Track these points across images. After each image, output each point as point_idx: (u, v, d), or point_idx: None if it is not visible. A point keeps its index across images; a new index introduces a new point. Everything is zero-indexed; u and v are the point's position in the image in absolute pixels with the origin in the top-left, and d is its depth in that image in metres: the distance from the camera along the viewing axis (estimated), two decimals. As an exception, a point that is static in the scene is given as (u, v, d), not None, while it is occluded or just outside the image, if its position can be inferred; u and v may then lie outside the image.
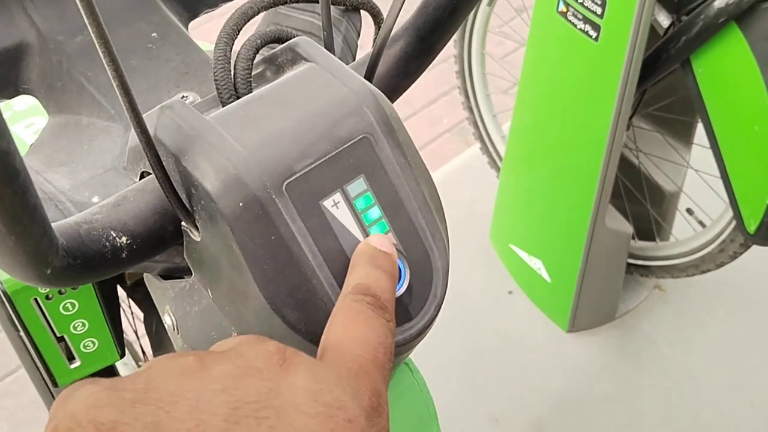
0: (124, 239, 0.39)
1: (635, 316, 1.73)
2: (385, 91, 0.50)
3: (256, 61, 0.45)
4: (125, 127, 0.51)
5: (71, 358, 0.64)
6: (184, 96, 0.51)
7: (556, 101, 1.46)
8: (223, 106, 0.43)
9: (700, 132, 1.38)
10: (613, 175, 1.42)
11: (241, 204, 0.37)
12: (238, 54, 0.44)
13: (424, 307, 0.40)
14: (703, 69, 1.23)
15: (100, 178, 0.49)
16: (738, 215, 1.29)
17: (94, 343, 0.63)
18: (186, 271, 0.45)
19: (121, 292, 0.75)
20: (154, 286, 0.51)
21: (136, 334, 1.10)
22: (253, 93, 0.42)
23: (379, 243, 0.38)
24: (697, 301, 1.75)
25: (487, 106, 1.82)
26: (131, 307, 0.93)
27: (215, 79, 0.43)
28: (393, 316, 0.36)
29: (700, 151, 1.46)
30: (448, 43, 0.53)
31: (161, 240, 0.41)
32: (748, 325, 1.71)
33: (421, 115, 2.27)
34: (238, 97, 0.43)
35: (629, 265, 1.65)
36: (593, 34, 1.27)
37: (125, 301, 0.91)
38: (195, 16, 0.62)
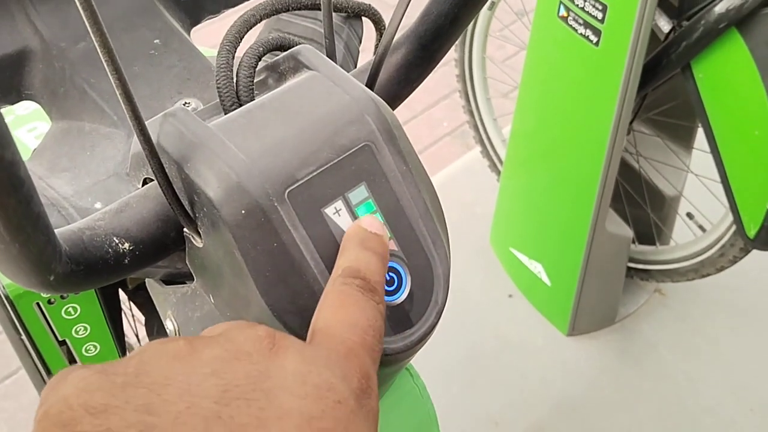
0: (127, 245, 0.39)
1: (635, 320, 1.73)
2: (387, 98, 0.51)
3: (258, 69, 0.45)
4: (128, 133, 0.51)
5: (73, 362, 0.64)
6: (186, 102, 0.52)
7: (556, 105, 1.46)
8: (225, 114, 0.43)
9: (700, 136, 1.38)
10: (614, 179, 1.42)
11: (243, 211, 0.37)
12: (241, 62, 0.44)
13: (425, 314, 0.41)
14: (704, 74, 1.23)
15: (102, 184, 0.50)
16: (738, 220, 1.29)
17: (95, 347, 0.63)
18: (188, 277, 0.45)
19: (123, 295, 0.75)
20: (156, 291, 0.51)
21: (138, 337, 1.10)
22: (256, 101, 0.42)
23: (370, 224, 0.39)
24: (697, 305, 1.75)
25: (487, 110, 1.82)
26: (132, 310, 0.93)
27: (218, 87, 0.43)
28: (383, 299, 0.36)
29: (701, 156, 1.46)
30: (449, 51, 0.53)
31: (164, 246, 0.41)
32: (748, 330, 1.71)
33: (422, 118, 2.27)
34: (241, 105, 0.43)
35: (629, 269, 1.65)
36: (594, 38, 1.28)
37: (126, 304, 0.91)
38: (197, 23, 0.62)
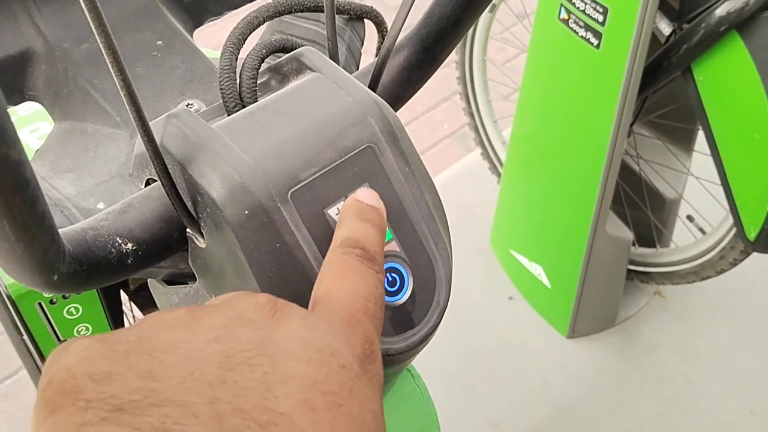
0: (130, 245, 0.40)
1: (635, 322, 1.73)
2: (389, 100, 0.51)
3: (261, 70, 0.46)
4: (131, 134, 0.51)
5: (74, 363, 0.64)
6: (189, 104, 0.52)
7: (557, 108, 1.46)
8: (228, 115, 0.43)
9: (700, 139, 1.39)
10: (614, 181, 1.42)
11: (246, 212, 0.37)
12: (244, 63, 0.45)
13: (427, 315, 0.41)
14: (704, 77, 1.23)
15: (105, 184, 0.50)
16: (738, 222, 1.29)
17: (97, 347, 0.63)
18: (190, 277, 0.46)
19: (124, 296, 0.75)
20: (158, 291, 0.51)
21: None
22: (259, 102, 0.43)
23: (367, 197, 0.39)
24: (697, 307, 1.75)
25: (488, 112, 1.83)
26: (133, 311, 0.93)
27: (221, 88, 0.44)
28: (382, 268, 0.36)
29: (701, 159, 1.47)
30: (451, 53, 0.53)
31: (166, 246, 0.41)
32: (748, 332, 1.71)
33: (422, 120, 2.28)
34: (244, 106, 0.43)
35: (629, 271, 1.65)
36: (594, 41, 1.28)
37: (127, 305, 0.91)
38: (200, 24, 0.62)
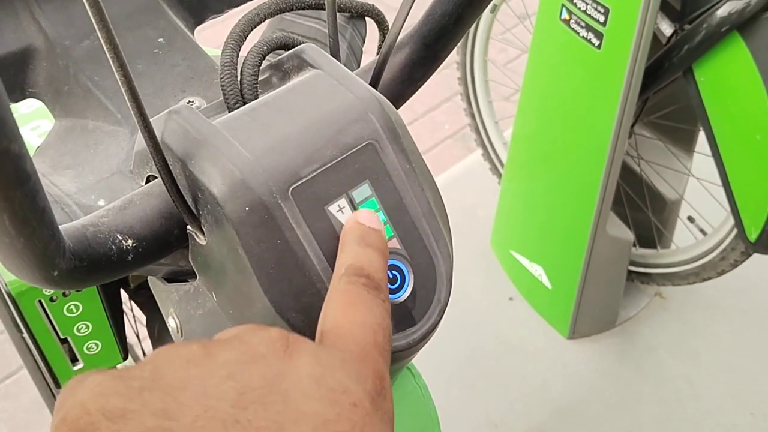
0: (130, 242, 0.40)
1: (636, 323, 1.73)
2: (390, 97, 0.51)
3: (262, 68, 0.46)
4: (131, 131, 0.51)
5: (74, 360, 0.64)
6: (190, 101, 0.52)
7: (558, 108, 1.46)
8: (229, 112, 0.43)
9: (701, 140, 1.38)
10: (615, 182, 1.42)
11: (247, 208, 0.37)
12: (245, 60, 0.44)
13: (428, 312, 0.41)
14: (706, 78, 1.23)
15: (106, 181, 0.50)
16: (739, 223, 1.29)
17: (97, 345, 0.63)
18: (191, 275, 0.46)
19: (124, 295, 0.75)
20: (158, 288, 0.51)
21: (138, 337, 1.10)
22: (260, 99, 0.43)
23: (368, 220, 0.38)
24: (697, 308, 1.75)
25: (489, 113, 1.83)
26: (133, 310, 0.93)
27: (222, 85, 0.44)
28: (387, 296, 0.36)
29: (702, 159, 1.46)
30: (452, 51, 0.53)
31: (167, 243, 0.41)
32: (748, 334, 1.71)
33: (423, 120, 2.27)
34: (245, 103, 0.43)
35: (630, 272, 1.65)
36: (596, 42, 1.28)
37: (128, 304, 0.91)
38: (201, 22, 0.62)
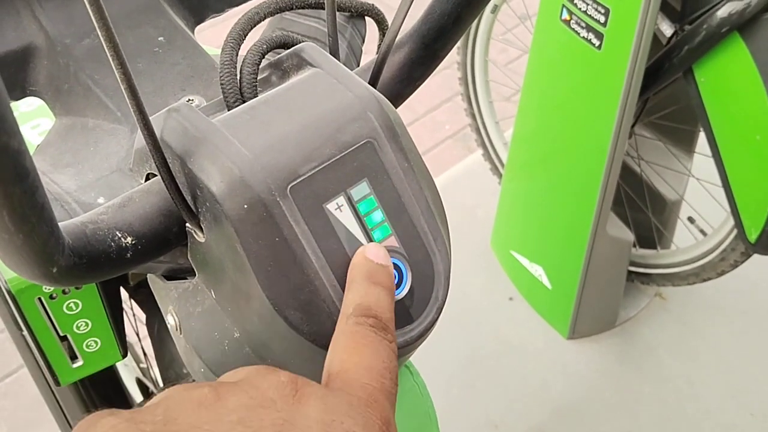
0: (129, 240, 0.40)
1: (636, 323, 1.73)
2: (389, 96, 0.51)
3: (261, 66, 0.46)
4: (131, 129, 0.51)
5: (74, 358, 0.64)
6: (189, 99, 0.52)
7: (558, 109, 1.46)
8: (228, 110, 0.43)
9: (702, 141, 1.39)
10: (615, 182, 1.42)
11: (245, 206, 0.37)
12: (245, 59, 0.45)
13: (426, 310, 0.41)
14: (706, 78, 1.23)
15: (105, 179, 0.50)
16: (739, 224, 1.29)
17: (96, 342, 0.63)
18: (190, 272, 0.46)
19: (123, 293, 0.75)
20: (157, 286, 0.51)
21: (138, 335, 1.10)
22: (259, 97, 0.43)
23: (376, 255, 0.38)
24: (697, 309, 1.75)
25: (489, 113, 1.83)
26: (133, 308, 0.93)
27: (221, 83, 0.44)
28: (395, 336, 0.36)
29: (702, 160, 1.47)
30: (451, 50, 0.54)
31: (166, 241, 0.41)
32: (748, 334, 1.71)
33: (424, 121, 2.28)
34: (244, 101, 0.43)
35: (630, 272, 1.65)
36: (596, 42, 1.28)
37: (127, 302, 0.91)
38: (201, 21, 0.62)
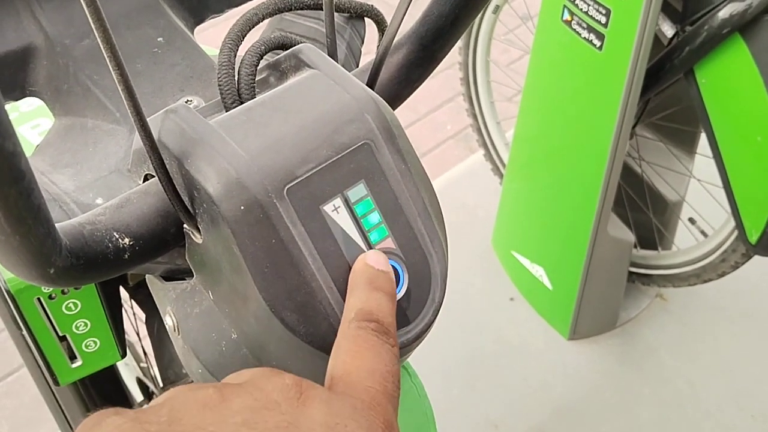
0: (127, 240, 0.40)
1: (636, 324, 1.73)
2: (387, 98, 0.51)
3: (260, 67, 0.46)
4: (130, 130, 0.51)
5: (73, 358, 0.64)
6: (188, 100, 0.52)
7: (559, 109, 1.46)
8: (226, 111, 0.43)
9: (703, 142, 1.38)
10: (616, 183, 1.42)
11: (242, 207, 0.37)
12: (242, 60, 0.45)
13: (422, 312, 0.41)
14: (707, 79, 1.23)
15: (104, 180, 0.50)
16: (740, 225, 1.29)
17: (95, 342, 0.64)
18: (187, 273, 0.46)
19: (124, 293, 0.75)
20: (155, 287, 0.51)
21: (138, 335, 1.10)
22: (256, 98, 0.43)
23: (376, 262, 0.39)
24: (698, 310, 1.75)
25: (491, 113, 1.83)
26: (133, 308, 0.94)
27: (219, 84, 0.44)
28: (396, 340, 0.37)
29: (703, 161, 1.47)
30: (451, 51, 0.54)
31: (163, 242, 0.42)
32: (749, 335, 1.71)
33: (425, 121, 2.28)
34: (242, 102, 0.43)
35: (631, 273, 1.65)
36: (597, 43, 1.28)
37: (127, 302, 0.91)
38: (201, 21, 0.62)
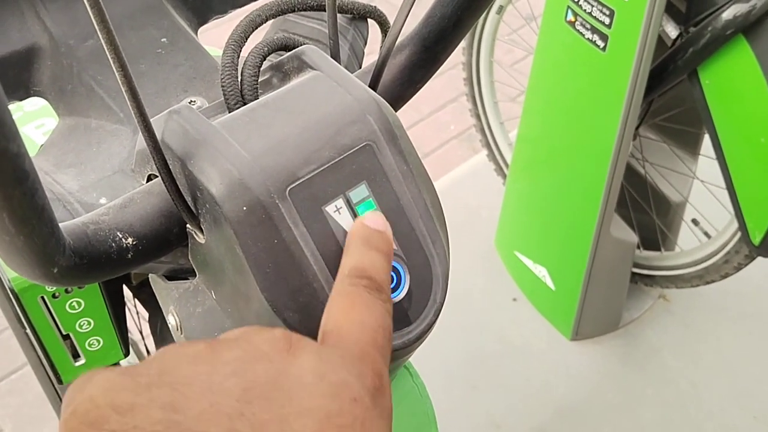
0: (130, 240, 0.40)
1: (639, 325, 1.73)
2: (390, 99, 0.51)
3: (263, 68, 0.46)
4: (133, 130, 0.52)
5: (76, 356, 0.64)
6: (191, 101, 0.52)
7: (563, 110, 1.46)
8: (229, 112, 0.44)
9: (706, 143, 1.38)
10: (619, 184, 1.42)
11: (245, 208, 0.37)
12: (246, 61, 0.45)
13: (423, 312, 0.41)
14: (710, 80, 1.23)
15: (107, 179, 0.50)
16: (743, 226, 1.29)
17: (99, 341, 0.64)
18: (190, 273, 0.46)
19: (127, 292, 0.75)
20: (159, 286, 0.51)
21: (141, 334, 1.11)
22: (259, 99, 0.43)
23: (373, 222, 0.39)
24: (701, 311, 1.75)
25: (494, 114, 1.83)
26: (137, 307, 0.94)
27: (222, 85, 0.44)
28: (389, 297, 0.37)
29: (707, 162, 1.46)
30: (455, 51, 0.54)
31: (166, 242, 0.42)
32: (751, 336, 1.71)
33: (429, 121, 2.28)
34: (245, 103, 0.44)
35: (634, 274, 1.65)
36: (601, 44, 1.28)
37: (131, 301, 0.91)
38: (204, 22, 0.62)
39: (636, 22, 1.20)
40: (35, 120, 0.73)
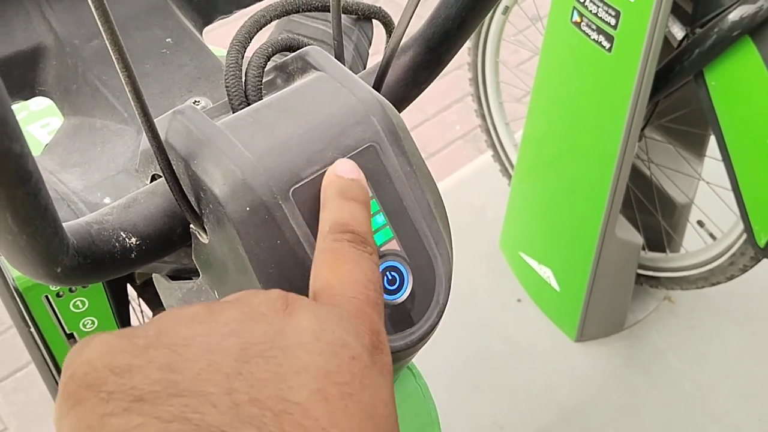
0: (134, 240, 0.40)
1: (644, 326, 1.73)
2: (394, 100, 0.51)
3: (267, 69, 0.46)
4: (137, 130, 0.52)
5: (80, 356, 0.65)
6: (196, 101, 0.52)
7: (568, 111, 1.46)
8: (233, 112, 0.44)
9: (712, 144, 1.38)
10: (624, 185, 1.42)
11: (248, 208, 0.37)
12: (250, 61, 0.45)
13: (426, 313, 0.41)
14: (716, 82, 1.23)
15: (111, 179, 0.50)
16: (749, 228, 1.29)
17: (102, 341, 0.64)
18: (193, 273, 0.46)
19: (131, 291, 0.76)
20: (162, 286, 0.51)
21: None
22: (263, 100, 0.43)
23: (345, 171, 0.39)
24: (706, 313, 1.75)
25: (500, 114, 1.83)
26: (141, 306, 0.94)
27: (226, 86, 0.44)
28: (374, 248, 0.37)
29: (712, 164, 1.46)
30: (460, 51, 0.54)
31: (170, 241, 0.42)
32: (757, 338, 1.70)
33: (434, 121, 2.28)
34: (249, 104, 0.44)
35: (639, 275, 1.64)
36: (606, 44, 1.28)
37: (135, 300, 0.92)
38: (209, 22, 0.63)
39: (642, 23, 1.20)
40: (40, 119, 0.73)
